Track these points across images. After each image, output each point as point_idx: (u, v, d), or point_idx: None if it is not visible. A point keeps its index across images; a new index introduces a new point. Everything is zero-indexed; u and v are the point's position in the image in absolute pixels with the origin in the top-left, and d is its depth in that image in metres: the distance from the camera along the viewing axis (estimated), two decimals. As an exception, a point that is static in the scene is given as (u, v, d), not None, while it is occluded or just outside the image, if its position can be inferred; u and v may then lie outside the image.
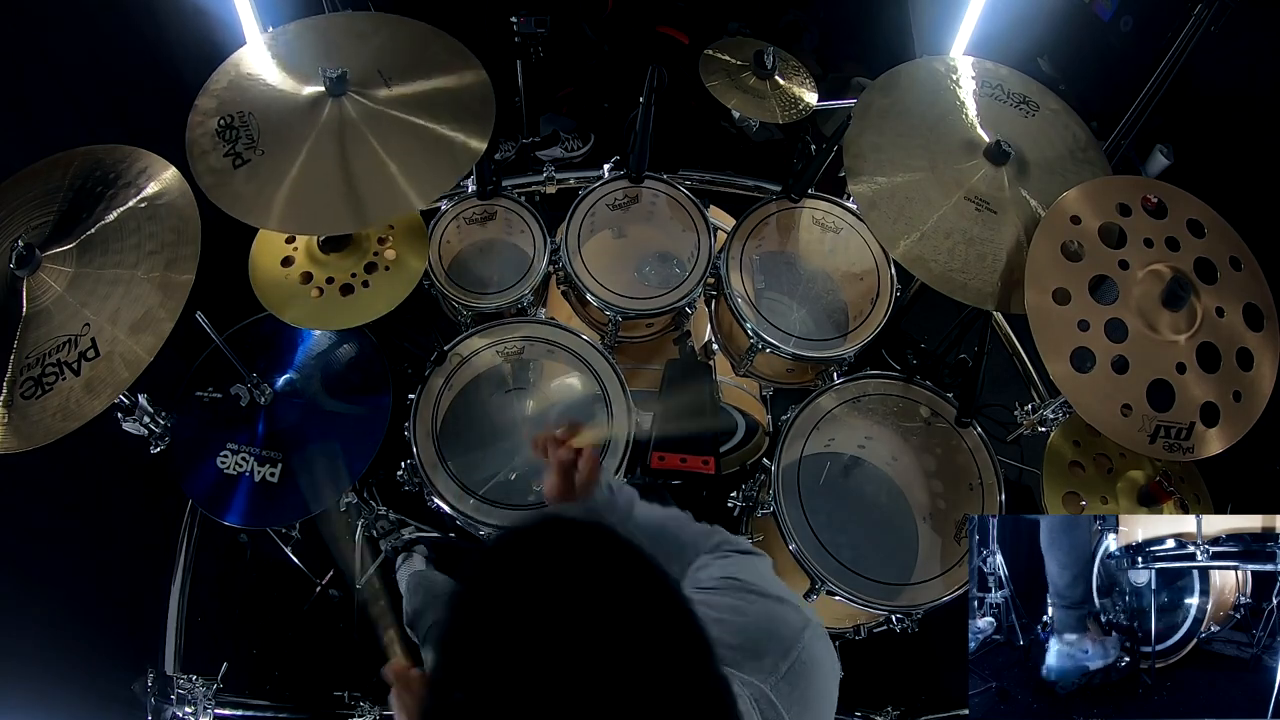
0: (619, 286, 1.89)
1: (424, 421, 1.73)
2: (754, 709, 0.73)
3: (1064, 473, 1.66)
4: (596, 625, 0.54)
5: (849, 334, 1.92)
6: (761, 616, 0.84)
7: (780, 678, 0.77)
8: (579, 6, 3.09)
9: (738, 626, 0.81)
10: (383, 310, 1.59)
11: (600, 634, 0.54)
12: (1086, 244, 1.47)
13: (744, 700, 0.73)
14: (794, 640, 0.81)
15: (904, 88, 1.76)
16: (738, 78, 1.98)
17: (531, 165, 3.10)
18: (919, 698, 2.08)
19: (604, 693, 0.52)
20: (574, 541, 0.60)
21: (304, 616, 2.20)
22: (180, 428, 1.67)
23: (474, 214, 2.01)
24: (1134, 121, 2.18)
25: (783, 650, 0.79)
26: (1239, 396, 1.41)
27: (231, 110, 1.48)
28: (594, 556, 0.59)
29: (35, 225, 1.40)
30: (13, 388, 1.29)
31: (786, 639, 0.81)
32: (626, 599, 0.57)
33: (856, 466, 1.93)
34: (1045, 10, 2.93)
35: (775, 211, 2.03)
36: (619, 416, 1.75)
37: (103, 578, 2.01)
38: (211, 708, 1.71)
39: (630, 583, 0.59)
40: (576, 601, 0.55)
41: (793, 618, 0.83)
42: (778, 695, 0.75)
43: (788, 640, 0.81)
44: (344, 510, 1.57)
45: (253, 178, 1.42)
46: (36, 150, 1.48)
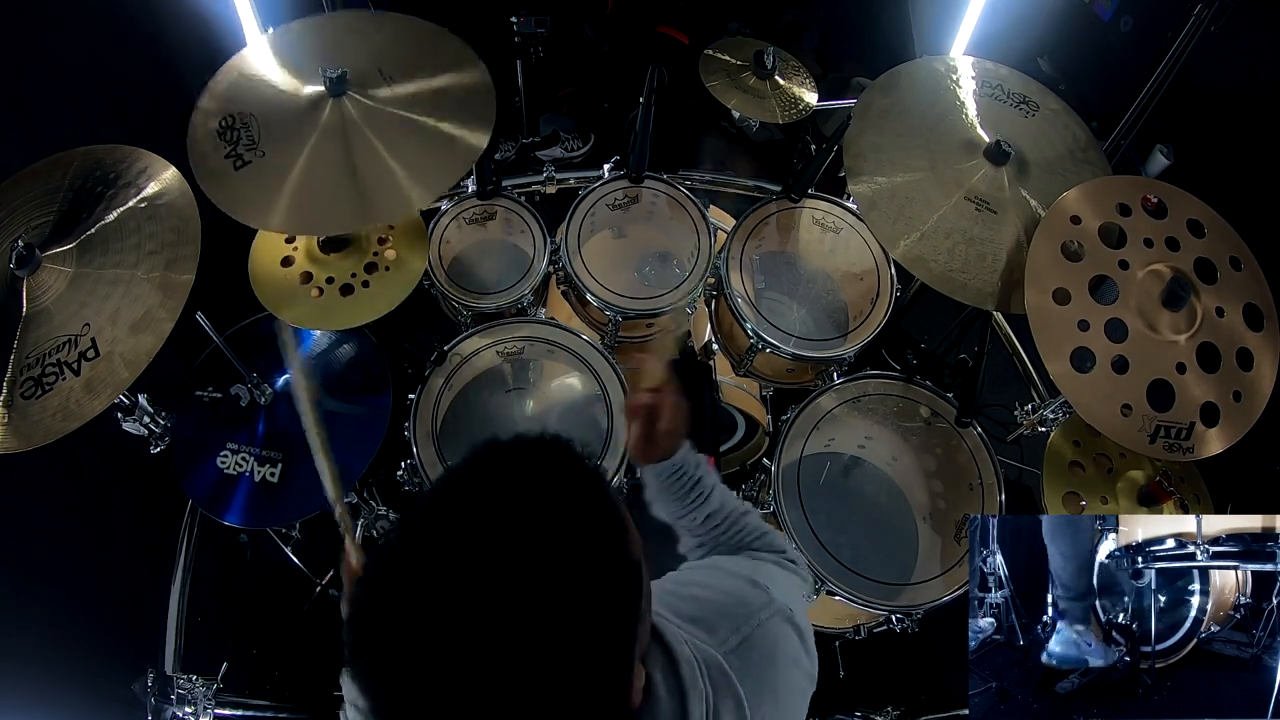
0: (619, 286, 1.89)
1: (424, 421, 1.73)
2: (700, 669, 0.75)
3: (1064, 473, 1.66)
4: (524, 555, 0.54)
5: (849, 334, 1.92)
6: (722, 593, 0.86)
7: (731, 650, 0.79)
8: (579, 6, 3.09)
9: (700, 599, 0.84)
10: (383, 310, 1.59)
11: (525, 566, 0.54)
12: (1086, 244, 1.47)
13: (690, 659, 0.74)
14: (748, 617, 0.82)
15: (904, 88, 1.76)
16: (738, 78, 1.98)
17: (531, 165, 3.10)
18: (919, 698, 2.08)
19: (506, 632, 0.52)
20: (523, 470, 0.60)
21: (304, 616, 2.20)
22: (180, 428, 1.67)
23: (474, 214, 2.01)
24: (1134, 121, 2.18)
25: (734, 625, 0.81)
26: (1239, 396, 1.41)
27: (232, 111, 1.48)
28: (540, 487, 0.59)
29: (35, 225, 1.40)
30: (13, 388, 1.29)
31: (740, 615, 0.83)
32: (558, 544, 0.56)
33: (856, 466, 1.93)
34: (1045, 10, 2.93)
35: (775, 211, 2.03)
36: (618, 418, 1.74)
37: (103, 578, 2.01)
38: (211, 708, 1.71)
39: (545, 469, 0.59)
40: (507, 528, 0.55)
41: (755, 598, 0.85)
42: (729, 665, 0.77)
43: (741, 617, 0.82)
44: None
45: (253, 179, 1.42)
46: (36, 150, 1.48)
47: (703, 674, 0.74)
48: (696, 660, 0.75)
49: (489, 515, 0.56)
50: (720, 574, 0.90)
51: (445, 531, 0.56)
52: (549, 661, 0.53)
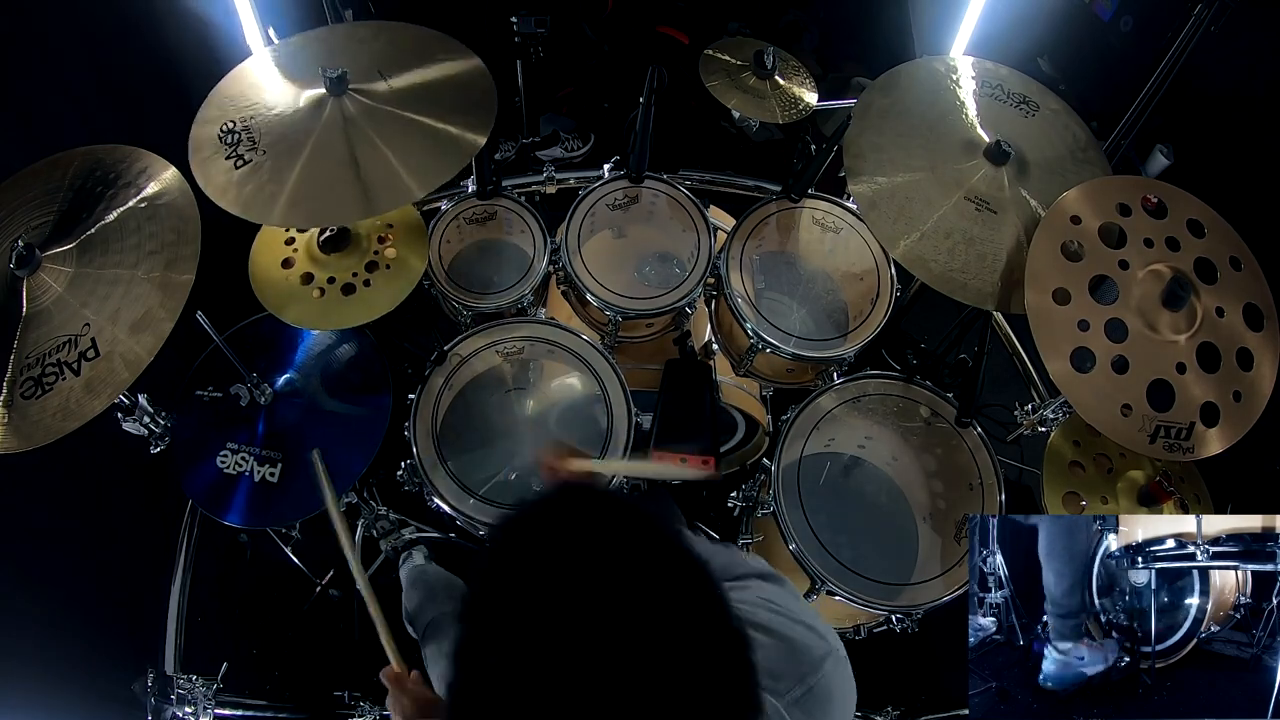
0: (619, 286, 1.89)
1: (424, 421, 1.73)
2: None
3: (1064, 473, 1.66)
4: (621, 608, 0.51)
5: (849, 334, 1.92)
6: (786, 639, 0.83)
7: (794, 702, 0.77)
8: (579, 6, 3.09)
9: (761, 645, 0.81)
10: (385, 308, 1.59)
11: (625, 618, 0.51)
12: (1086, 244, 1.47)
13: (770, 711, 0.73)
14: (814, 667, 0.81)
15: (904, 88, 1.76)
16: (738, 78, 1.97)
17: (531, 165, 3.10)
18: (919, 698, 2.08)
19: (631, 678, 0.49)
20: (584, 516, 0.57)
21: (304, 616, 2.20)
22: (180, 428, 1.67)
23: (474, 214, 2.00)
24: (1134, 121, 2.18)
25: (799, 675, 0.79)
26: (1239, 396, 1.41)
27: (233, 115, 1.48)
28: (609, 532, 0.56)
29: (35, 225, 1.40)
30: (13, 388, 1.29)
31: (805, 665, 0.81)
32: (650, 576, 0.53)
33: (856, 466, 1.93)
34: (1045, 10, 2.93)
35: (775, 211, 2.03)
36: (618, 418, 1.75)
37: (103, 578, 2.01)
38: (211, 708, 1.72)
39: (654, 558, 0.55)
40: (596, 581, 0.52)
41: (816, 645, 0.83)
42: (790, 716, 0.76)
43: (806, 666, 0.81)
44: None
45: (254, 178, 1.42)
46: (36, 150, 1.48)
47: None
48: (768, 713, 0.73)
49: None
50: (779, 618, 0.87)
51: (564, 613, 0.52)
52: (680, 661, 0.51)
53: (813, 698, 0.79)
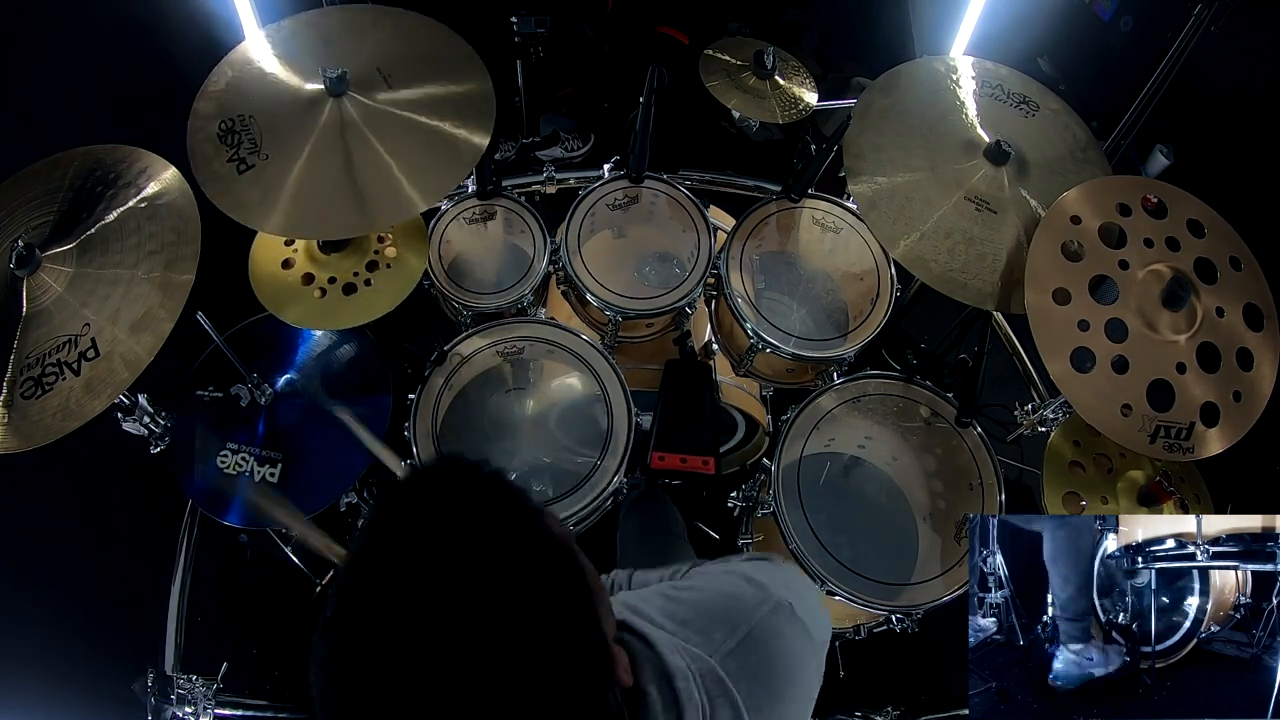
0: (619, 286, 1.89)
1: (424, 421, 1.73)
2: (697, 683, 0.73)
3: (1064, 473, 1.66)
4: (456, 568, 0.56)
5: (849, 334, 1.92)
6: (716, 594, 0.84)
7: (728, 653, 0.77)
8: (579, 6, 3.09)
9: (693, 602, 0.82)
10: (386, 308, 1.59)
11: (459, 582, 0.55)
12: (1086, 244, 1.47)
13: (685, 670, 0.73)
14: (744, 615, 0.80)
15: (904, 88, 1.76)
16: (738, 78, 1.97)
17: (531, 165, 3.10)
18: (919, 698, 2.08)
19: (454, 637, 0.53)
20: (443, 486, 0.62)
21: (304, 616, 2.20)
22: (180, 428, 1.67)
23: (474, 214, 2.00)
24: (1134, 121, 2.18)
25: (729, 626, 0.79)
26: (1239, 396, 1.41)
27: (232, 114, 1.48)
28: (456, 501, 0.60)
29: (35, 225, 1.40)
30: (13, 388, 1.29)
31: (735, 615, 0.80)
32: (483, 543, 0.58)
33: (856, 466, 1.93)
34: (1045, 10, 2.93)
35: (775, 211, 2.03)
36: (618, 418, 1.74)
37: (103, 578, 2.01)
38: (211, 708, 1.71)
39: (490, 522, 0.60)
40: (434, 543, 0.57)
41: (749, 596, 0.83)
42: (726, 671, 0.75)
43: (736, 616, 0.80)
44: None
45: (257, 182, 1.42)
46: (36, 150, 1.48)
47: (698, 685, 0.73)
48: (691, 671, 0.73)
49: (421, 544, 0.58)
50: (713, 576, 0.89)
51: (394, 564, 0.58)
52: (521, 649, 0.54)
53: (746, 648, 0.78)
